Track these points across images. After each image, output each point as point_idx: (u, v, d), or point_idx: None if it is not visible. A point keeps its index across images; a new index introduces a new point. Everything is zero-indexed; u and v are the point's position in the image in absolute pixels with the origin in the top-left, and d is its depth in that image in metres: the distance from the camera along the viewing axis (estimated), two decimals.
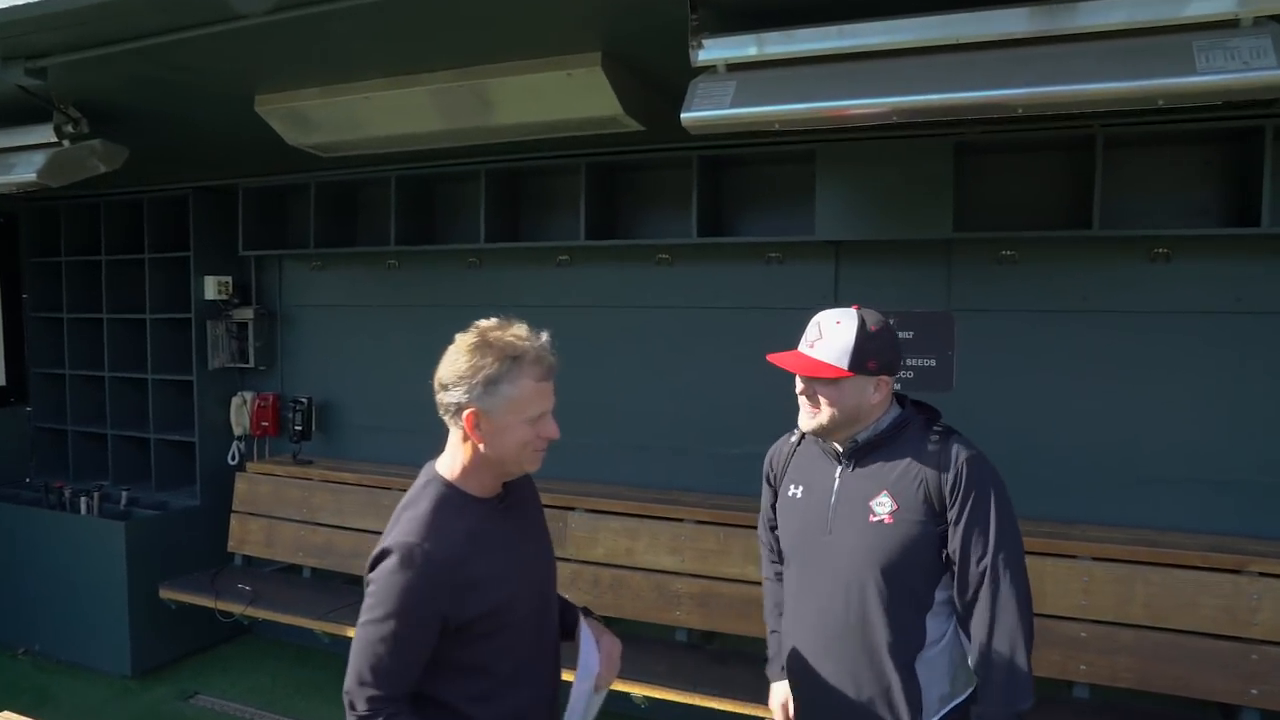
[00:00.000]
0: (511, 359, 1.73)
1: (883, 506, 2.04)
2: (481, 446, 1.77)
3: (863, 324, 2.05)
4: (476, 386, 1.72)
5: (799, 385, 2.12)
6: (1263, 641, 3.10)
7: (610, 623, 4.06)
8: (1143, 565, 3.27)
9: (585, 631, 2.03)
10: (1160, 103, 2.01)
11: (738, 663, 3.64)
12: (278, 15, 2.60)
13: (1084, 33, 2.08)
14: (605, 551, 4.06)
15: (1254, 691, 3.07)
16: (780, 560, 2.37)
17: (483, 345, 1.74)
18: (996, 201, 3.67)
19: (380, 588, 1.72)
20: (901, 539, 2.03)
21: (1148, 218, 3.48)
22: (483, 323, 1.80)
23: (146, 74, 3.14)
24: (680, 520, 3.95)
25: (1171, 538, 3.39)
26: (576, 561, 4.08)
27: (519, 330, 1.78)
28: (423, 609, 1.71)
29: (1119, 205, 3.43)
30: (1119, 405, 3.58)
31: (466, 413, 1.74)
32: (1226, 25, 1.99)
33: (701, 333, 4.28)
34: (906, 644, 2.05)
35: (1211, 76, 1.92)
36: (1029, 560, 3.34)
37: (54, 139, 3.51)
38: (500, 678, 1.82)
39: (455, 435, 1.82)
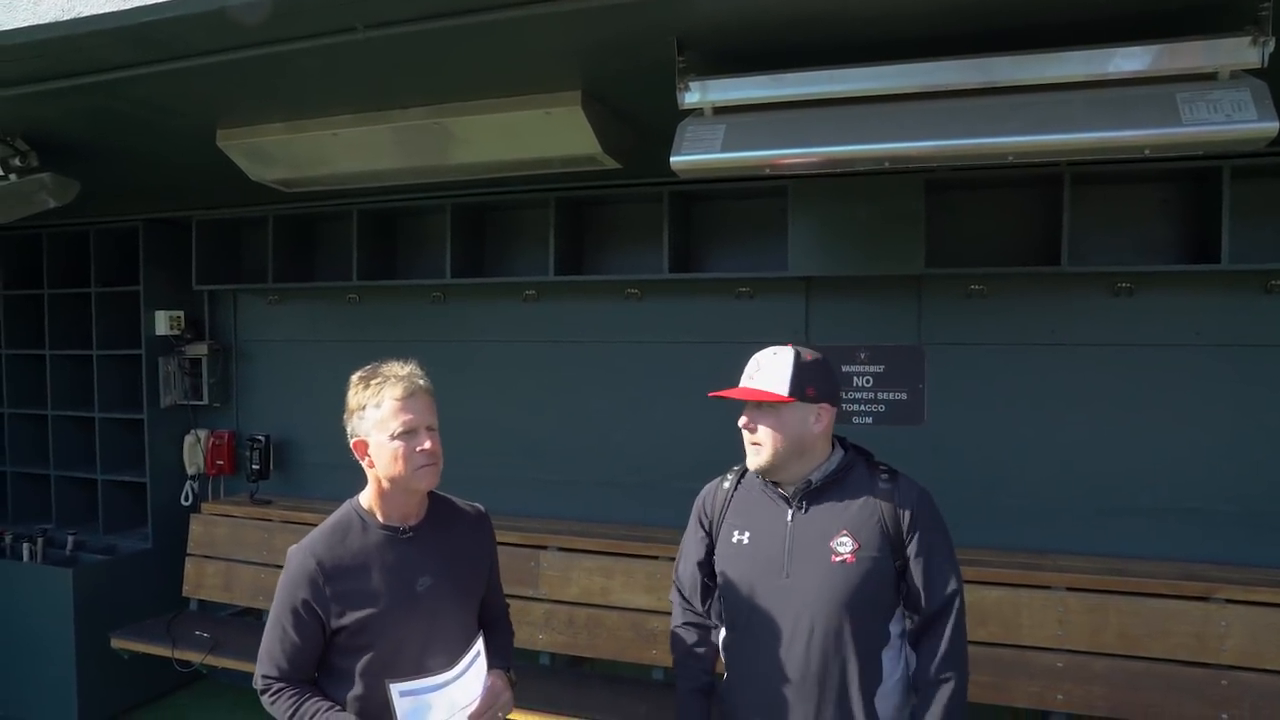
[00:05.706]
0: (376, 385, 2.00)
1: (844, 545, 2.07)
2: (373, 470, 2.03)
3: (798, 354, 2.15)
4: (354, 418, 2.03)
5: (743, 420, 2.17)
6: (1231, 667, 3.17)
7: (587, 663, 4.02)
8: (1115, 594, 3.32)
9: (480, 661, 2.03)
10: (1146, 152, 2.05)
11: (717, 700, 3.58)
12: (244, 53, 2.52)
13: (1069, 81, 2.12)
14: (579, 591, 3.98)
15: (1224, 716, 3.13)
16: (698, 611, 2.35)
17: (353, 384, 2.04)
18: (965, 236, 3.72)
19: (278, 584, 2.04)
20: (864, 577, 2.06)
21: (1111, 253, 3.56)
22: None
23: (105, 107, 3.02)
24: (655, 558, 3.89)
25: (1141, 566, 3.46)
26: (550, 601, 3.99)
27: (388, 364, 2.04)
28: (294, 601, 1.97)
29: (1083, 239, 3.50)
30: (1086, 436, 3.65)
31: (353, 443, 2.03)
32: (1205, 78, 2.05)
33: (671, 367, 4.25)
34: (869, 682, 2.08)
35: (1196, 128, 1.97)
36: (1005, 590, 3.42)
37: None
38: (373, 689, 1.96)
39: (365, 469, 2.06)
